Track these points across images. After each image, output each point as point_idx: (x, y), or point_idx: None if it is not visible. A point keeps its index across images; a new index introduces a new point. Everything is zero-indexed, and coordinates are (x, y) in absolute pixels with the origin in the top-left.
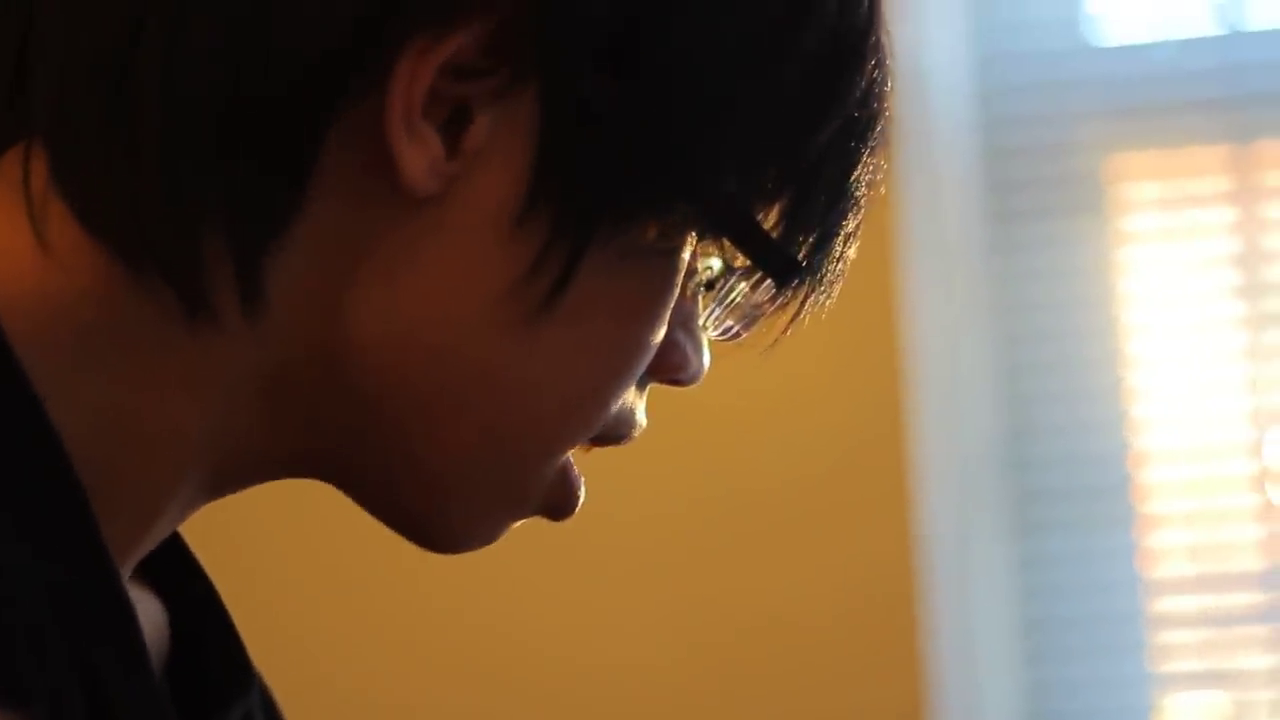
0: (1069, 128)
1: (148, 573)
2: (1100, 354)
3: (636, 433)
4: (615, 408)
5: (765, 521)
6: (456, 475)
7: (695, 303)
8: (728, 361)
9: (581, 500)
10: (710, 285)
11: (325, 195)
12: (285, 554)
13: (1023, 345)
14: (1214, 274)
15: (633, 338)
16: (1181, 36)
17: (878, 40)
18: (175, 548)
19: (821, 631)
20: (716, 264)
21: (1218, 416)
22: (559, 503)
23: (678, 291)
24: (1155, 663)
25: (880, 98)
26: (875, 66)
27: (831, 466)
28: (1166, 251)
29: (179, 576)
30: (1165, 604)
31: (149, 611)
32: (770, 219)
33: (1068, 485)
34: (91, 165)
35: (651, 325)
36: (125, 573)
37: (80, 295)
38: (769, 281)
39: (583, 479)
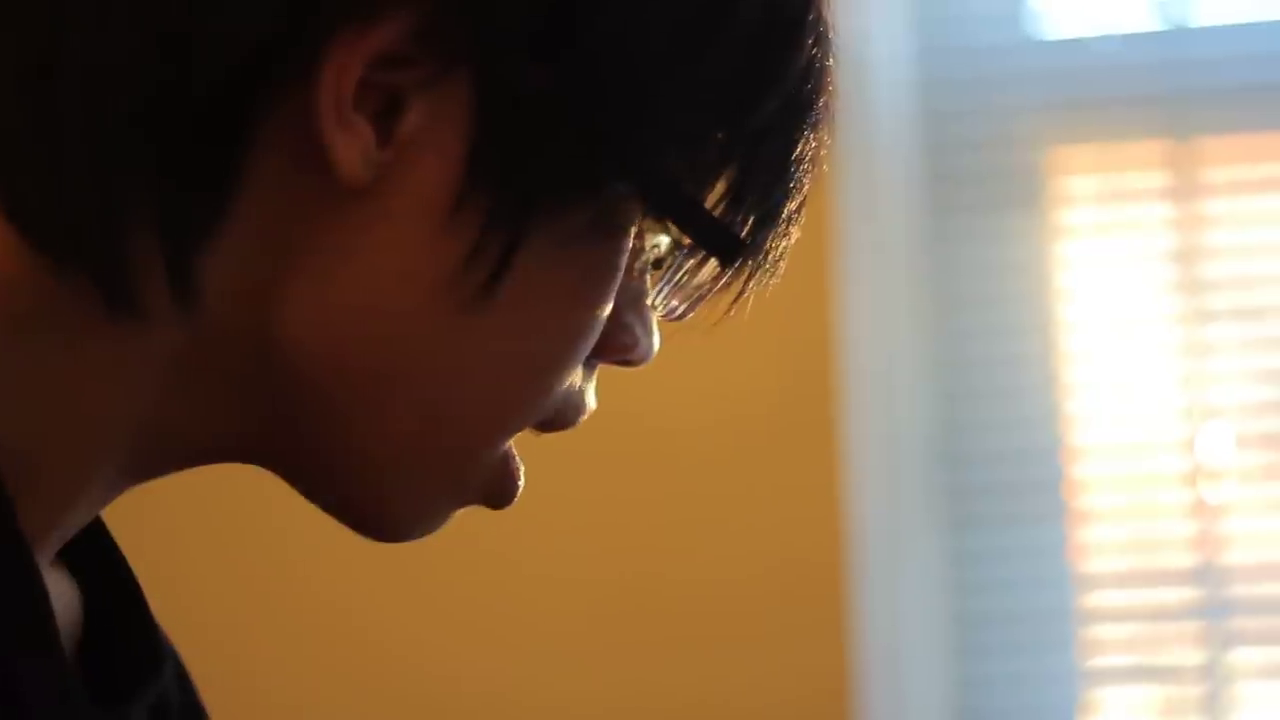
0: (1009, 121)
1: (63, 554)
2: (1035, 348)
3: (585, 415)
4: (562, 392)
5: (693, 509)
6: (396, 463)
7: (643, 281)
8: (660, 351)
9: (521, 488)
10: (658, 264)
11: (258, 189)
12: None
13: (958, 339)
14: (1151, 269)
15: (576, 322)
16: (1123, 31)
17: (818, 16)
18: (91, 529)
19: (749, 623)
20: (664, 242)
21: (1152, 412)
22: (499, 490)
23: (621, 274)
24: (1086, 658)
25: (821, 74)
26: (815, 42)
27: (763, 457)
28: (1104, 246)
29: (94, 557)
30: (1096, 599)
31: (62, 593)
32: (713, 198)
33: (1000, 480)
34: (17, 164)
35: (594, 309)
36: (45, 555)
37: (5, 282)
38: (714, 261)
39: (523, 466)
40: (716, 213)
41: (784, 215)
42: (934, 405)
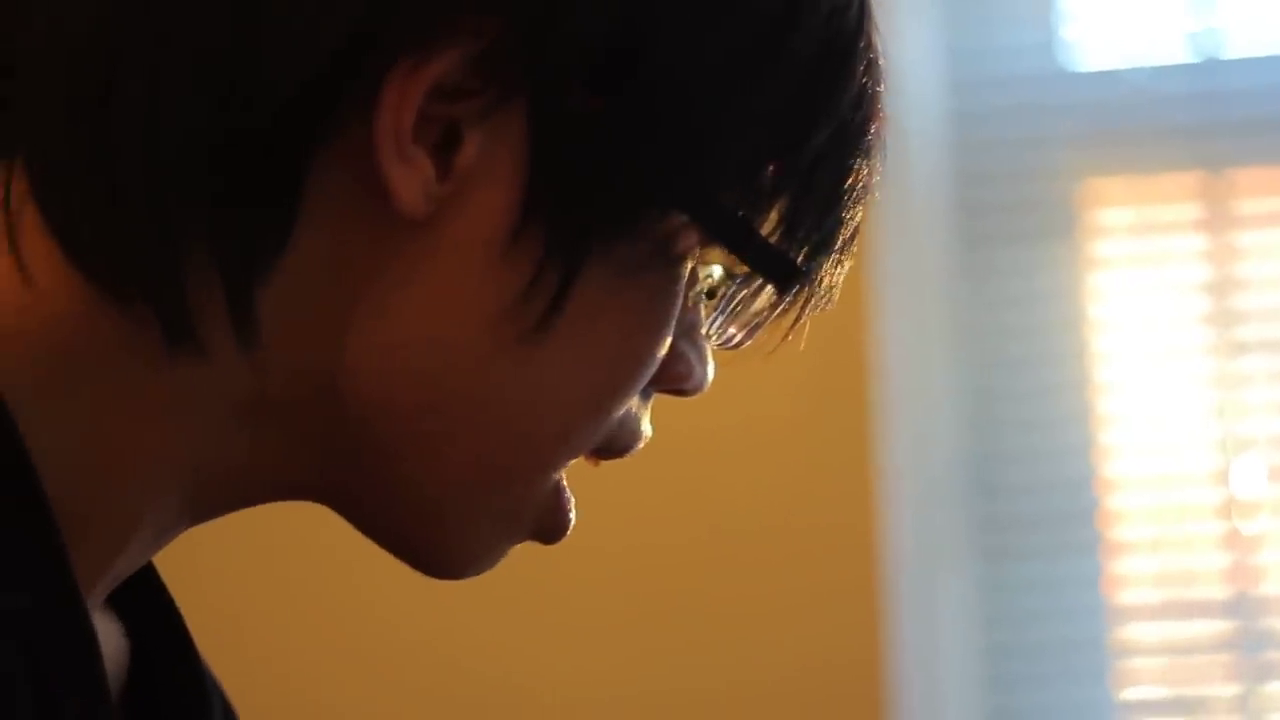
0: (1042, 152)
1: (111, 596)
2: (1069, 380)
3: (641, 443)
4: (618, 419)
5: (731, 544)
6: (452, 499)
7: (698, 311)
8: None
9: (572, 522)
10: (711, 293)
11: (317, 222)
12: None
13: (992, 370)
14: (1184, 301)
15: (635, 352)
16: (1156, 63)
17: (868, 43)
18: (140, 570)
19: (783, 652)
20: (717, 271)
21: (1185, 444)
22: (552, 524)
23: (680, 303)
24: (1119, 689)
25: (873, 100)
26: (866, 70)
27: (798, 489)
28: (1137, 278)
29: (142, 598)
30: (1130, 631)
31: (109, 636)
32: (767, 227)
33: (1034, 511)
34: (74, 197)
35: (655, 339)
36: (98, 598)
37: (60, 319)
38: (769, 288)
39: (573, 499)
40: (773, 240)
41: (838, 242)
42: (968, 436)
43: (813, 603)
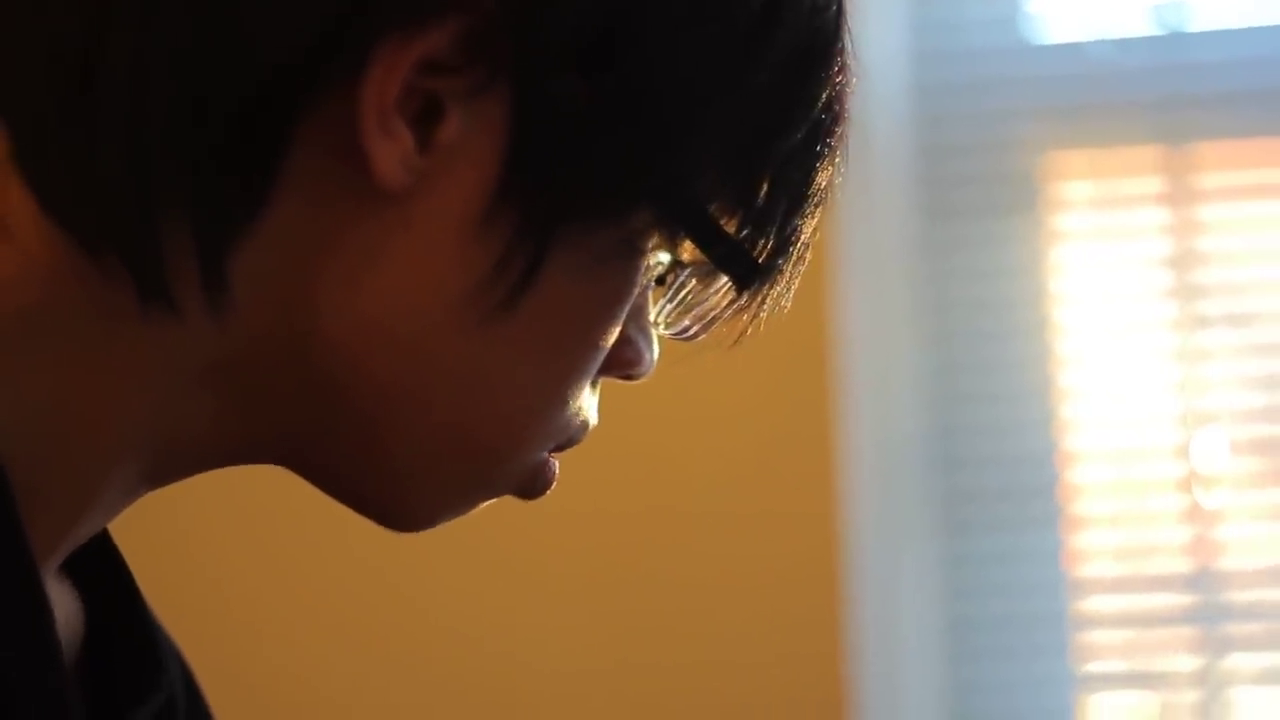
0: (1005, 126)
1: (65, 564)
2: (1030, 353)
3: (588, 432)
4: (575, 406)
5: (689, 515)
6: (422, 466)
7: (646, 297)
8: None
9: (553, 484)
10: (661, 280)
11: (294, 188)
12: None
13: (953, 343)
14: (1146, 275)
15: (592, 337)
16: (1119, 36)
17: (843, 45)
18: (94, 537)
19: (744, 627)
20: (666, 258)
21: (1147, 418)
22: (531, 487)
23: (637, 292)
24: (1080, 663)
25: (843, 102)
26: (840, 71)
27: (758, 461)
28: (1099, 251)
29: (94, 561)
30: (1091, 604)
31: (64, 604)
32: (732, 221)
33: (996, 485)
34: (54, 152)
35: (610, 325)
36: (55, 563)
37: (33, 274)
38: (724, 280)
39: (558, 469)
40: (735, 235)
41: (799, 241)
42: (929, 410)
43: (774, 577)
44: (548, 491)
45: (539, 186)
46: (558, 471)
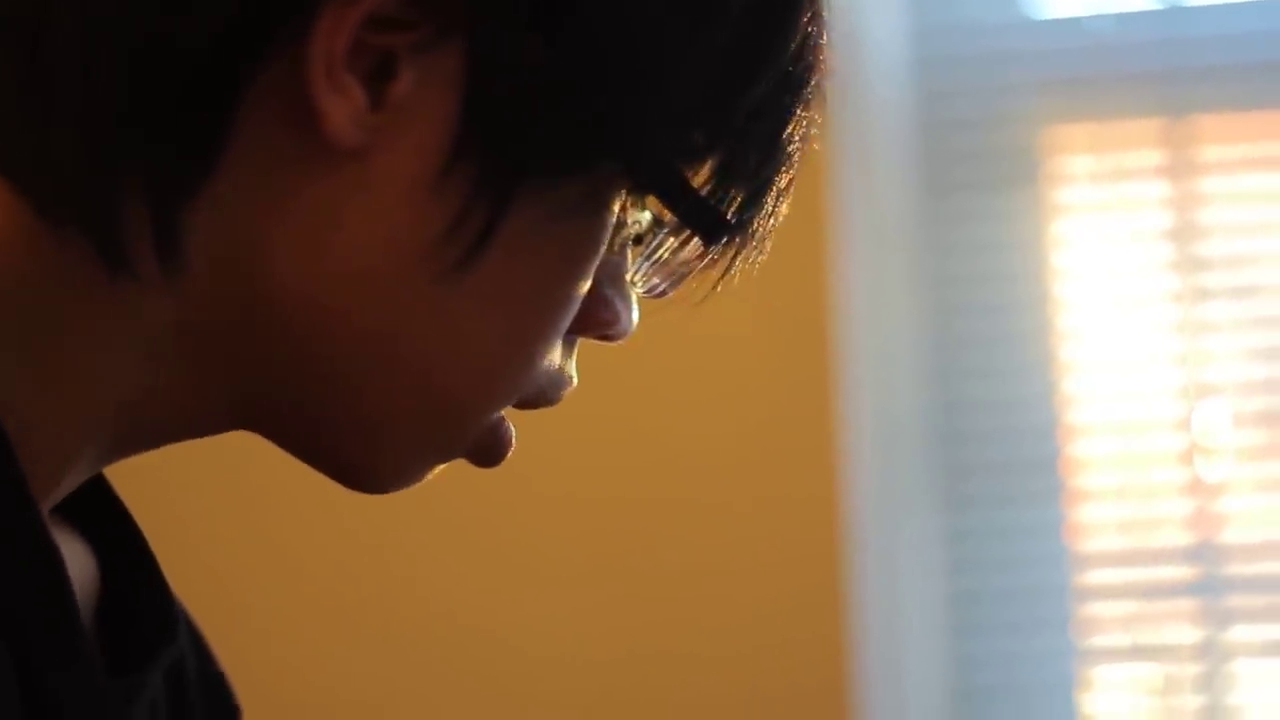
0: (1004, 100)
1: (73, 517)
2: (1032, 327)
3: (566, 392)
4: (544, 365)
5: (691, 491)
6: (385, 425)
7: (624, 257)
8: (656, 332)
9: (509, 451)
10: (639, 239)
11: (246, 148)
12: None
13: (954, 317)
14: (1147, 248)
15: (555, 296)
16: (1118, 10)
17: None
18: (101, 492)
19: (747, 604)
20: (646, 217)
21: (1148, 391)
22: (488, 453)
23: (603, 249)
24: (1082, 636)
25: (815, 51)
26: (810, 20)
27: (759, 440)
28: (1100, 225)
29: (105, 520)
30: (1093, 577)
31: (77, 558)
32: (701, 175)
33: (997, 459)
34: (8, 118)
35: (574, 283)
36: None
37: (1, 246)
38: (697, 239)
39: (514, 431)
40: (704, 191)
41: (772, 194)
42: (930, 384)
43: (776, 554)
44: (502, 459)
45: (496, 142)
46: (514, 436)
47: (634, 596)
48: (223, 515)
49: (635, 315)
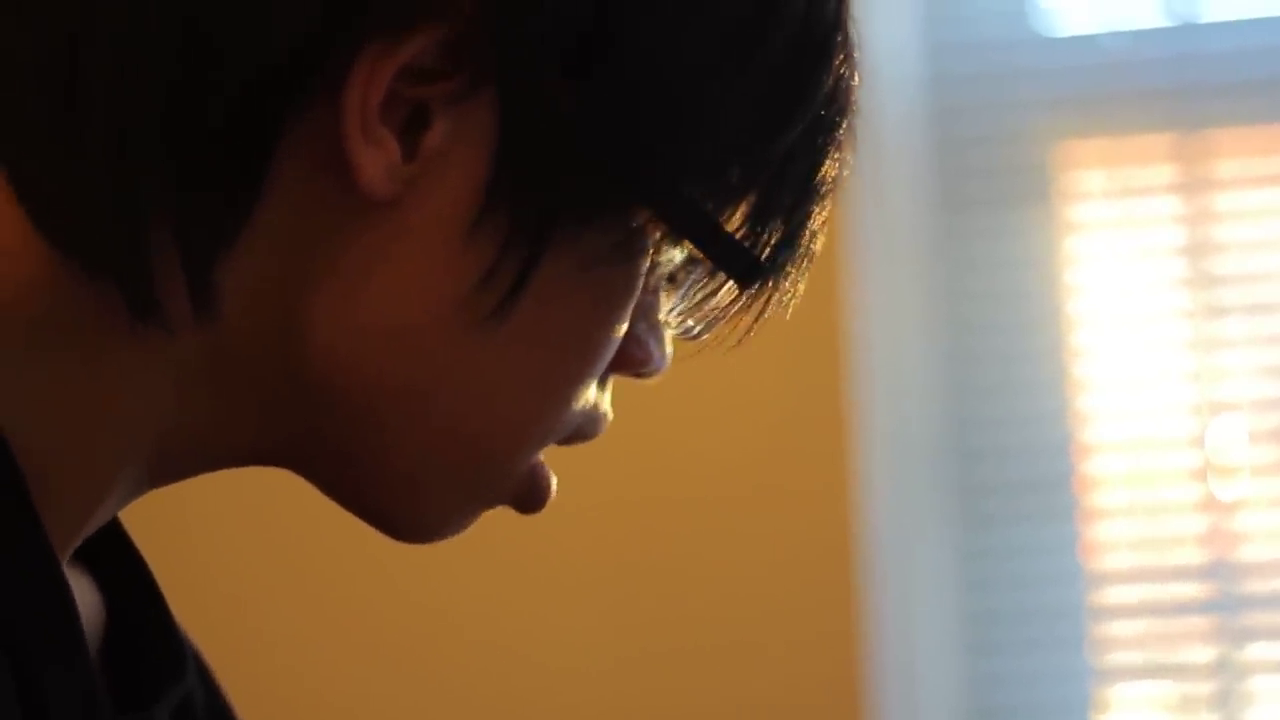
0: (1018, 117)
1: (82, 555)
2: (1045, 344)
3: (602, 428)
4: (578, 407)
5: (706, 508)
6: (421, 474)
7: (657, 295)
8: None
9: (551, 497)
10: (672, 278)
11: (280, 198)
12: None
13: (968, 334)
14: (1161, 264)
15: (592, 341)
16: (1131, 27)
17: (845, 36)
18: (109, 529)
19: (761, 621)
20: (678, 257)
21: (1162, 408)
22: (529, 498)
23: (637, 294)
24: (1098, 654)
25: (847, 93)
26: (843, 63)
27: (774, 454)
28: (1113, 241)
29: (111, 556)
30: (1108, 595)
31: (85, 596)
32: (734, 218)
33: (1011, 476)
34: (41, 166)
35: (610, 328)
36: (64, 556)
37: (29, 287)
38: (730, 279)
39: (553, 475)
40: (738, 234)
41: (806, 235)
42: (944, 401)
43: (790, 568)
44: (545, 504)
45: (528, 191)
46: (554, 483)
47: (650, 611)
48: (226, 524)
49: (669, 353)
